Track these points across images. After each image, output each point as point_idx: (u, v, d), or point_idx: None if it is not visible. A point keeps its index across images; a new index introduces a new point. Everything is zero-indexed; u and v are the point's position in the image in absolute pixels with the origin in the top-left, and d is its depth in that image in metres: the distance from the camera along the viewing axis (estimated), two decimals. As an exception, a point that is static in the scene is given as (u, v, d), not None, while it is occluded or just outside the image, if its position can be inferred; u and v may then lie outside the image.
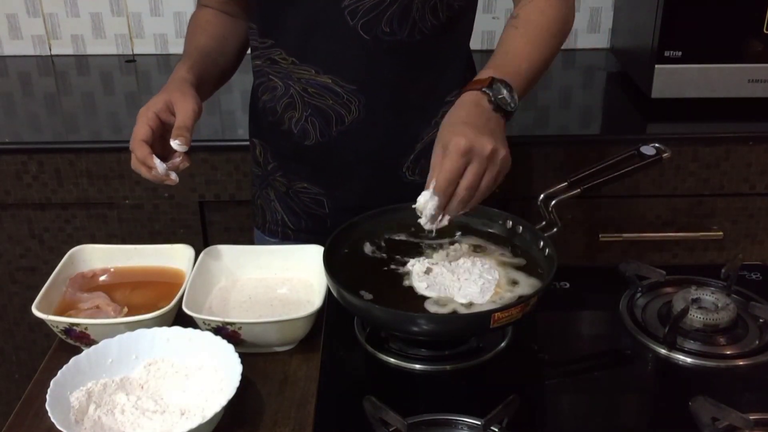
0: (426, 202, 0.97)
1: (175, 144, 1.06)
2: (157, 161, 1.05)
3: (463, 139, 0.95)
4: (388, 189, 1.25)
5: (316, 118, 1.21)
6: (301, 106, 1.21)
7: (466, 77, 1.27)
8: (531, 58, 1.12)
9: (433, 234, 1.03)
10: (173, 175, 1.07)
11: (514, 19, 1.17)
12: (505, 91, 1.03)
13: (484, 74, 1.07)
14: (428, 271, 1.04)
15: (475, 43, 1.31)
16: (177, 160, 1.07)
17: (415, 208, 0.99)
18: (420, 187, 1.25)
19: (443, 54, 1.22)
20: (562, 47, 1.30)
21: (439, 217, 0.99)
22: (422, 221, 0.99)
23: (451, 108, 1.05)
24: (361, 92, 1.18)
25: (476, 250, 1.10)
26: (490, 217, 1.15)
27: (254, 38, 1.24)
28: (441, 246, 1.11)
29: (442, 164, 0.96)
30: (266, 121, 1.28)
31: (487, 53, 1.18)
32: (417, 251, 1.11)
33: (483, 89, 1.03)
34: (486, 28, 2.10)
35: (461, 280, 1.02)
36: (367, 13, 1.13)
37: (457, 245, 1.10)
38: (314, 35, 1.16)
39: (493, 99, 1.02)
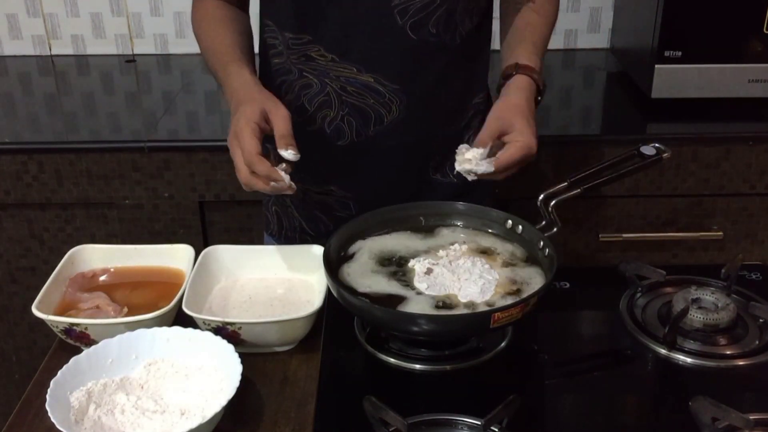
0: (474, 162, 1.05)
1: (288, 154, 1.03)
2: (282, 173, 1.02)
3: (535, 144, 1.06)
4: (412, 187, 1.26)
5: (353, 118, 1.20)
6: (337, 104, 1.19)
7: (487, 81, 1.29)
8: (547, 42, 1.23)
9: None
10: (294, 185, 1.03)
11: (533, 3, 1.21)
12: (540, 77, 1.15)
13: (530, 60, 1.14)
14: (429, 271, 1.04)
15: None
16: (283, 165, 1.03)
17: (456, 152, 1.07)
18: (441, 186, 1.27)
19: (474, 57, 1.24)
20: (562, 47, 1.30)
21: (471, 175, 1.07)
22: (457, 166, 1.07)
23: (511, 88, 1.13)
24: (403, 92, 1.18)
25: (476, 250, 1.10)
26: (490, 217, 1.15)
27: (274, 35, 1.21)
28: (441, 246, 1.11)
29: (510, 154, 1.05)
30: None
31: (493, 53, 1.19)
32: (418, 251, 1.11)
33: (540, 87, 1.14)
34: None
35: (461, 280, 1.02)
36: (416, 12, 1.13)
37: (456, 245, 1.10)
38: (360, 33, 1.14)
39: (539, 98, 1.15)
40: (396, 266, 1.07)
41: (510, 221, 1.13)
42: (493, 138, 1.07)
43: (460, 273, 1.03)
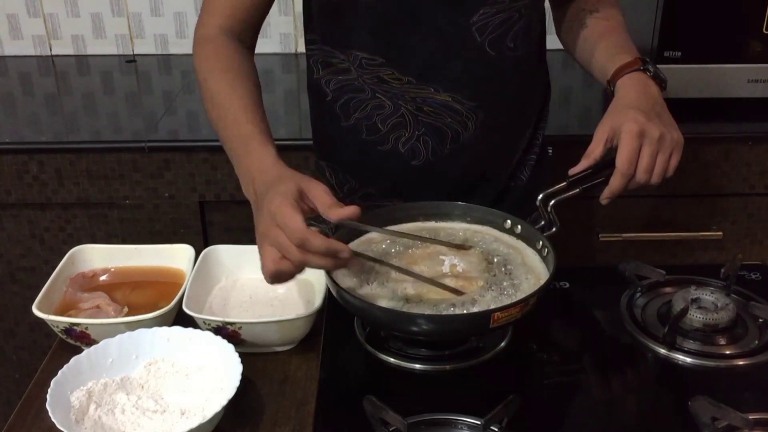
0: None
1: (346, 212, 0.91)
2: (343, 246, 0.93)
3: (633, 124, 1.01)
4: (488, 196, 1.24)
5: (429, 137, 1.18)
6: (413, 125, 1.17)
7: (546, 89, 1.30)
8: (629, 41, 1.19)
9: None
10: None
11: (597, 13, 1.21)
12: (653, 67, 1.10)
13: (621, 59, 1.11)
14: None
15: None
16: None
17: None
18: (514, 191, 1.25)
19: (538, 66, 1.24)
20: (562, 47, 1.30)
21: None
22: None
23: (618, 92, 1.09)
24: (480, 109, 1.17)
25: (458, 248, 1.09)
26: (489, 216, 1.15)
27: (331, 53, 1.17)
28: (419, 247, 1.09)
29: (620, 149, 1.02)
30: (358, 139, 1.21)
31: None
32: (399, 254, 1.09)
33: (641, 68, 1.10)
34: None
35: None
36: (495, 29, 1.11)
37: (435, 245, 1.09)
38: (439, 54, 1.13)
39: (653, 75, 1.10)
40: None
41: (509, 221, 1.13)
42: (602, 143, 1.04)
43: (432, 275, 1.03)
